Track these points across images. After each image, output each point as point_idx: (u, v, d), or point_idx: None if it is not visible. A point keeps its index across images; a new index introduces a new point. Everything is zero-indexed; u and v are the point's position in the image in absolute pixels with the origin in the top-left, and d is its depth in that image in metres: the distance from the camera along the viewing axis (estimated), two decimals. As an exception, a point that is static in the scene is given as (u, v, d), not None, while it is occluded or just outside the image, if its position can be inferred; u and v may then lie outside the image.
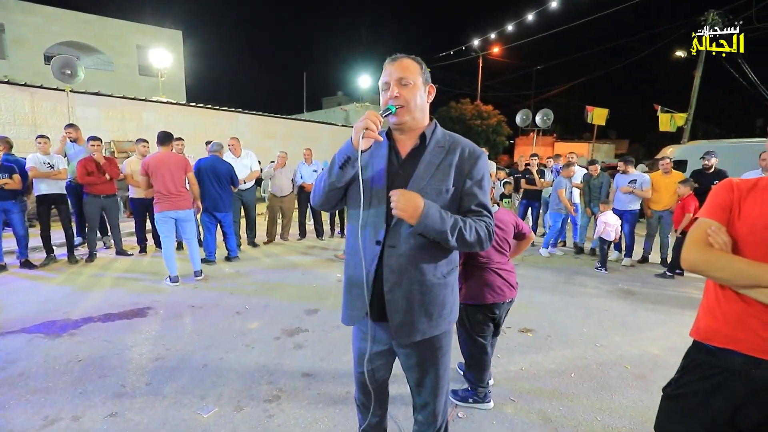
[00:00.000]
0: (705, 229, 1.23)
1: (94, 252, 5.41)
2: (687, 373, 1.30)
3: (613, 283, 4.95)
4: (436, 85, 1.44)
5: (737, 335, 1.17)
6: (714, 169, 5.56)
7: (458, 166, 1.32)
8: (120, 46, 19.17)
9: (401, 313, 1.33)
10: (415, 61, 1.34)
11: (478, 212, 1.33)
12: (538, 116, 12.68)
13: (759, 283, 1.10)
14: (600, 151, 30.00)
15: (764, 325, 1.12)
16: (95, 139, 5.18)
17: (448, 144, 1.36)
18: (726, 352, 1.19)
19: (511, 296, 2.35)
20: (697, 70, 13.96)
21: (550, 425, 2.22)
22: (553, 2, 12.96)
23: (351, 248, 1.40)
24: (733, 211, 1.22)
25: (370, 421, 1.58)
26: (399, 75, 1.30)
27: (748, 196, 1.21)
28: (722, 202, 1.25)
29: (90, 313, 3.62)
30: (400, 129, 1.37)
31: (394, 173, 1.35)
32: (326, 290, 4.42)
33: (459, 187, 1.33)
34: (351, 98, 31.62)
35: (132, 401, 2.36)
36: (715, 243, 1.20)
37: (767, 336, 1.11)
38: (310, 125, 15.59)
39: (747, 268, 1.13)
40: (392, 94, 1.30)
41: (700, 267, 1.21)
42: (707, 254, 1.20)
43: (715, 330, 1.22)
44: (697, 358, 1.28)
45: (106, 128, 9.29)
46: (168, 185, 4.39)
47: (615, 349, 3.15)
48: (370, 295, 1.35)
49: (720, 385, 1.20)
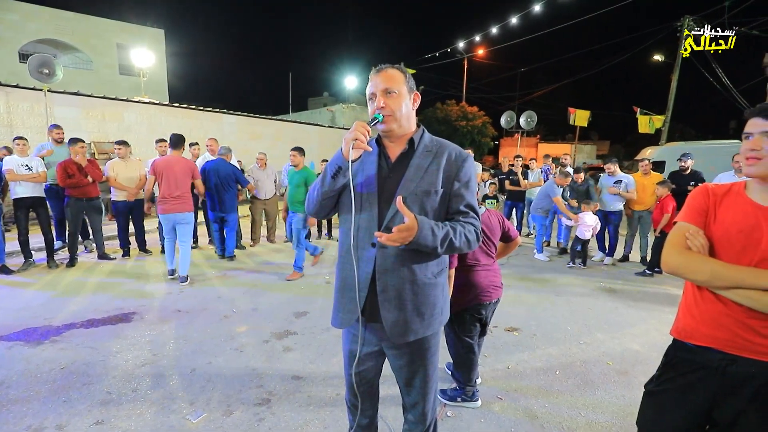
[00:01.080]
0: (683, 232, 1.30)
1: (75, 256, 5.29)
2: (668, 370, 1.36)
3: (596, 281, 5.08)
4: (422, 86, 1.49)
5: (714, 334, 1.23)
6: (690, 170, 5.76)
7: (446, 169, 1.37)
8: (99, 45, 18.71)
9: (395, 313, 1.36)
10: (400, 71, 1.38)
11: (466, 213, 1.38)
12: (522, 118, 12.89)
13: (734, 284, 1.17)
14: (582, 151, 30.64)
15: (739, 324, 1.18)
16: (77, 141, 5.06)
17: (436, 148, 1.40)
18: (704, 349, 1.25)
19: (497, 296, 2.40)
20: (674, 73, 14.40)
21: (536, 422, 2.28)
22: (536, 6, 13.20)
23: (345, 251, 1.42)
24: (709, 215, 1.29)
25: (360, 421, 1.60)
26: (384, 85, 1.34)
27: (722, 200, 1.28)
28: (699, 207, 1.31)
29: (72, 319, 3.54)
30: (388, 136, 1.41)
31: (385, 177, 1.39)
32: (315, 292, 4.42)
33: (447, 189, 1.37)
34: (337, 99, 31.54)
35: (118, 408, 2.32)
36: (693, 246, 1.26)
37: (742, 334, 1.18)
38: (296, 126, 15.50)
39: (722, 270, 1.19)
40: (378, 104, 1.34)
41: (679, 270, 1.27)
42: (686, 257, 1.26)
43: (693, 329, 1.28)
44: (677, 355, 1.34)
45: (87, 129, 9.05)
46: (171, 188, 4.55)
47: (598, 346, 3.24)
48: (364, 297, 1.37)
49: (699, 381, 1.26)
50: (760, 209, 1.19)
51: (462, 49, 18.72)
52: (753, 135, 1.19)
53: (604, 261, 6.01)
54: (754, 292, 1.14)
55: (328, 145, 15.81)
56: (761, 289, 1.13)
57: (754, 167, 1.19)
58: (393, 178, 1.37)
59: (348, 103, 21.49)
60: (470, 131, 23.46)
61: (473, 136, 23.54)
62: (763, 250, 1.15)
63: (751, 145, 1.18)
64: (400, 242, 1.22)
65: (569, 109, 15.36)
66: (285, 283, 4.76)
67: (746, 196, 1.24)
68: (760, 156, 1.17)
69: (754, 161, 1.18)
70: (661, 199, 5.23)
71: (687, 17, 13.54)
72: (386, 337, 1.40)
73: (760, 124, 1.17)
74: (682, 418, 1.30)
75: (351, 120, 18.83)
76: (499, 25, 15.03)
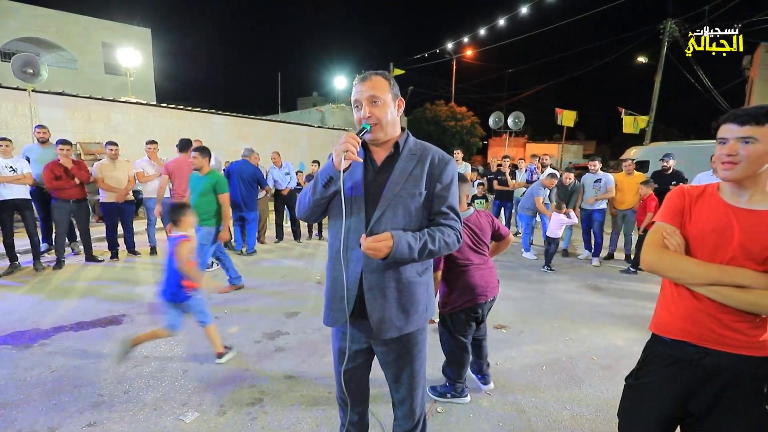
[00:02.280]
0: (661, 232, 1.36)
1: (62, 259, 5.23)
2: (647, 363, 1.43)
3: (581, 279, 5.20)
4: (411, 87, 1.54)
5: (689, 328, 1.29)
6: (672, 170, 5.93)
7: (429, 171, 1.42)
8: (84, 44, 18.38)
9: (380, 311, 1.41)
10: (384, 78, 1.42)
11: (446, 214, 1.43)
12: (510, 118, 13.05)
13: (707, 281, 1.24)
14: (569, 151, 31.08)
15: (712, 319, 1.25)
16: (64, 143, 5.00)
17: (420, 151, 1.46)
18: (680, 343, 1.32)
19: (494, 294, 2.43)
20: (657, 75, 14.73)
21: (523, 416, 2.35)
22: (524, 9, 13.37)
23: (334, 253, 1.47)
24: (684, 215, 1.35)
25: (351, 418, 1.65)
26: (369, 94, 1.38)
27: (697, 201, 1.35)
28: (675, 207, 1.38)
29: (61, 323, 3.52)
30: (374, 142, 1.46)
31: (371, 181, 1.44)
32: (306, 293, 4.44)
33: (430, 191, 1.43)
34: (326, 99, 31.44)
35: (111, 410, 2.33)
36: (670, 245, 1.33)
37: (714, 328, 1.25)
38: (286, 126, 15.43)
39: (697, 268, 1.26)
40: (365, 114, 1.38)
41: (657, 267, 1.34)
42: (663, 256, 1.33)
43: (670, 324, 1.35)
44: (655, 349, 1.41)
45: (72, 130, 8.91)
46: (183, 187, 4.87)
47: (583, 342, 3.33)
48: (353, 296, 1.42)
49: (676, 374, 1.32)
50: (732, 210, 1.26)
51: (451, 49, 18.88)
52: (728, 140, 1.23)
53: (591, 261, 6.12)
54: (725, 289, 1.20)
55: (317, 145, 15.79)
56: (732, 286, 1.20)
57: (730, 172, 1.23)
58: (379, 181, 1.42)
59: (338, 103, 21.44)
60: (459, 131, 23.62)
61: (462, 136, 23.70)
62: (734, 249, 1.22)
63: (727, 150, 1.22)
64: (374, 252, 1.28)
65: (556, 109, 15.59)
66: (276, 283, 4.77)
67: (719, 197, 1.31)
68: (735, 161, 1.21)
69: (730, 166, 1.22)
70: (644, 198, 5.37)
71: (669, 20, 13.88)
72: (374, 335, 1.45)
73: (734, 130, 1.22)
74: (659, 409, 1.37)
75: (341, 120, 18.81)
76: (488, 26, 15.20)
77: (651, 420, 1.39)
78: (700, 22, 13.10)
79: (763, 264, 1.19)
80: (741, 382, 1.24)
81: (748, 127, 1.19)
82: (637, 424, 1.44)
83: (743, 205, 1.25)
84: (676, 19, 13.69)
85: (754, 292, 1.18)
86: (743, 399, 1.24)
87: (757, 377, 1.23)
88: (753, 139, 1.18)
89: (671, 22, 13.74)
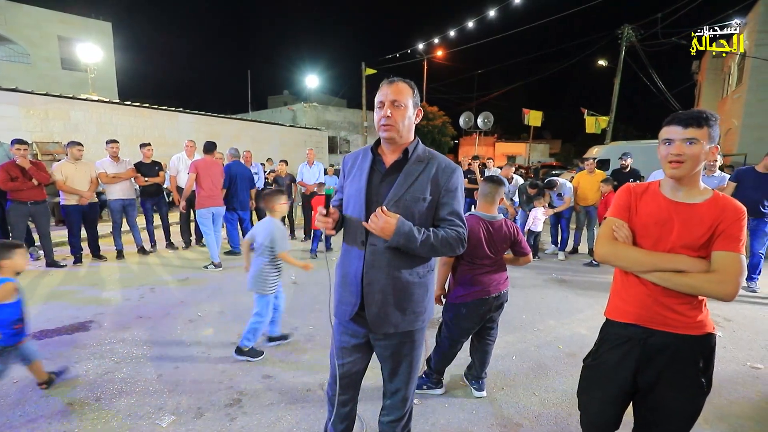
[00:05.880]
0: (611, 226, 1.52)
1: (20, 265, 4.96)
2: (602, 345, 1.57)
3: (548, 273, 5.45)
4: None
5: (638, 312, 1.45)
6: (630, 168, 6.29)
7: (434, 178, 1.49)
8: (37, 37, 17.33)
9: (377, 306, 1.48)
10: (409, 85, 1.50)
11: (451, 220, 1.50)
12: (480, 118, 13.41)
13: (652, 268, 1.39)
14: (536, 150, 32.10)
15: (657, 303, 1.41)
16: (21, 143, 4.75)
17: (427, 158, 1.52)
18: (630, 326, 1.47)
19: (497, 291, 2.38)
20: (616, 77, 15.48)
21: (495, 404, 2.48)
22: (492, 12, 13.72)
23: (344, 251, 1.57)
24: (631, 210, 1.50)
25: (339, 411, 1.70)
26: (393, 97, 1.45)
27: (641, 197, 1.50)
28: (623, 204, 1.53)
29: (22, 331, 3.36)
30: (388, 143, 1.52)
31: (377, 184, 1.50)
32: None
33: (435, 197, 1.49)
34: (298, 97, 31.08)
35: (82, 418, 2.27)
36: (619, 237, 1.48)
37: (660, 311, 1.40)
38: (257, 125, 15.17)
39: (642, 256, 1.41)
40: (385, 113, 1.45)
41: (608, 258, 1.49)
42: (613, 247, 1.48)
43: (621, 308, 1.51)
44: (608, 332, 1.56)
45: (28, 129, 8.41)
46: (214, 185, 5.34)
47: (550, 332, 3.51)
48: (357, 292, 1.50)
49: (627, 353, 1.47)
50: (672, 204, 1.42)
51: (422, 50, 19.08)
52: (674, 141, 1.35)
53: (557, 255, 6.41)
54: (667, 274, 1.36)
55: (290, 144, 15.62)
56: (673, 271, 1.35)
57: (677, 170, 1.36)
58: (385, 183, 1.49)
59: (309, 102, 21.24)
60: (431, 131, 23.92)
61: (434, 136, 24.03)
62: (674, 239, 1.38)
63: (674, 150, 1.34)
64: (379, 229, 1.37)
65: (523, 110, 16.11)
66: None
67: (661, 193, 1.46)
68: (682, 160, 1.33)
69: (678, 165, 1.35)
70: (605, 195, 5.69)
71: (626, 26, 14.62)
72: (371, 327, 1.52)
73: (679, 131, 1.34)
74: (613, 385, 1.52)
75: (312, 119, 18.66)
76: (457, 28, 15.48)
77: (607, 395, 1.54)
78: (654, 28, 13.88)
79: (698, 251, 1.35)
80: (680, 358, 1.40)
81: (691, 129, 1.32)
82: (595, 400, 1.59)
83: (681, 199, 1.41)
84: (632, 25, 14.45)
85: (692, 276, 1.33)
86: (682, 373, 1.40)
87: (694, 353, 1.39)
88: (695, 140, 1.31)
89: (628, 28, 14.49)
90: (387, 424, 1.69)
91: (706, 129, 1.32)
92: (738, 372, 2.88)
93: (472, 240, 2.29)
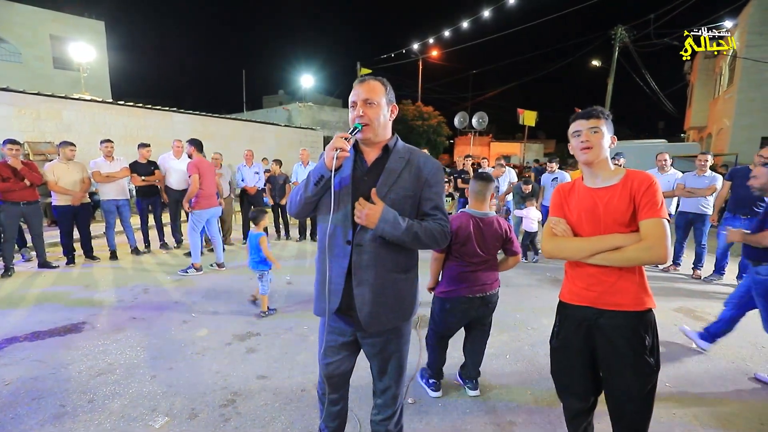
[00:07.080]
0: (550, 224, 1.68)
1: (11, 265, 4.92)
2: (562, 327, 1.71)
3: (542, 272, 5.48)
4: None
5: (587, 294, 1.60)
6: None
7: (416, 174, 1.50)
8: (29, 35, 17.17)
9: (368, 305, 1.48)
10: (381, 83, 1.51)
11: (434, 215, 1.52)
12: (474, 118, 13.44)
13: (592, 252, 1.53)
14: (531, 150, 32.23)
15: (602, 285, 1.55)
16: (12, 143, 4.71)
17: (408, 155, 1.54)
18: (582, 308, 1.61)
19: (483, 292, 2.37)
20: (609, 77, 15.58)
21: (489, 402, 2.49)
22: (486, 12, 13.77)
23: (324, 247, 1.53)
24: (564, 206, 1.67)
25: (330, 409, 1.71)
26: (365, 96, 1.46)
27: (570, 193, 1.68)
28: (556, 203, 1.72)
29: (13, 333, 3.34)
30: (365, 143, 1.53)
31: (360, 180, 1.51)
32: (276, 293, 4.42)
33: (417, 192, 1.51)
34: (292, 97, 30.97)
35: (74, 420, 2.26)
36: (558, 232, 1.65)
37: (605, 290, 1.54)
38: (252, 125, 15.09)
39: (581, 243, 1.57)
40: (358, 113, 1.46)
41: (553, 252, 1.66)
42: (555, 242, 1.65)
43: (573, 292, 1.66)
44: (565, 314, 1.70)
45: (19, 128, 8.31)
46: (211, 185, 5.25)
47: (543, 331, 3.54)
48: (340, 291, 1.49)
49: (584, 333, 1.62)
50: (593, 191, 1.59)
51: (417, 50, 19.10)
52: (582, 132, 1.57)
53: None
54: (606, 254, 1.49)
55: (285, 144, 15.56)
56: (611, 250, 1.49)
57: (588, 155, 1.56)
58: (368, 180, 1.50)
59: (304, 102, 21.18)
60: (426, 131, 23.93)
61: (429, 136, 24.04)
62: (604, 222, 1.54)
63: (584, 138, 1.56)
64: (365, 216, 1.39)
65: (518, 110, 16.18)
66: (245, 284, 4.71)
67: (583, 185, 1.64)
68: (590, 146, 1.55)
69: (588, 150, 1.56)
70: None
71: (619, 26, 14.72)
72: (361, 327, 1.52)
73: (584, 123, 1.57)
74: (581, 364, 1.66)
75: (308, 119, 18.60)
76: (452, 28, 15.52)
77: (580, 374, 1.69)
78: (646, 29, 14.01)
79: (629, 226, 1.50)
80: (628, 336, 1.53)
81: (593, 120, 1.56)
82: (571, 380, 1.74)
83: (600, 185, 1.59)
84: (625, 25, 14.56)
85: (626, 249, 1.48)
86: (630, 349, 1.52)
87: (639, 329, 1.52)
88: (598, 129, 1.55)
89: (621, 29, 14.59)
90: (379, 423, 1.70)
91: (603, 120, 1.56)
92: (728, 370, 2.92)
93: (461, 236, 2.33)
